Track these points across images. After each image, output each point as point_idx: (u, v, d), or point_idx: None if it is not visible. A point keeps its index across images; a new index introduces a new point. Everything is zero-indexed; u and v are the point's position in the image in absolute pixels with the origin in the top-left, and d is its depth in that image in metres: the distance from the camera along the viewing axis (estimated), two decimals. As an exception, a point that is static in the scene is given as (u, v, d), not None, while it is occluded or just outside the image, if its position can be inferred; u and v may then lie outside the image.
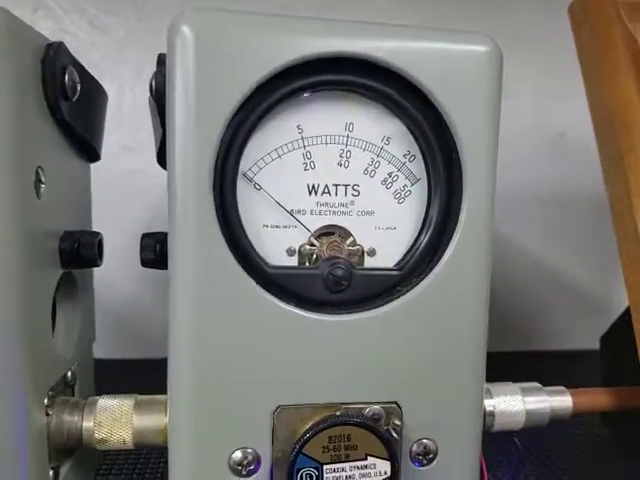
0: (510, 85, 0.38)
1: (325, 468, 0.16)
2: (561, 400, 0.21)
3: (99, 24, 0.38)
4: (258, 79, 0.15)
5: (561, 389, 0.22)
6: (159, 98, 0.16)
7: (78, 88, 0.19)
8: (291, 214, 0.17)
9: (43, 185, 0.17)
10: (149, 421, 0.18)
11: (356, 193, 0.17)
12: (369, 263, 0.17)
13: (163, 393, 0.18)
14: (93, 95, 0.21)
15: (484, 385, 0.18)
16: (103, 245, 0.21)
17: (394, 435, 0.17)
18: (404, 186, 0.17)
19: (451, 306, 0.17)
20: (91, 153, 0.22)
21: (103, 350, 0.27)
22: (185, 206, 0.15)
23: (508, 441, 0.22)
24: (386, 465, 0.16)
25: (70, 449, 0.20)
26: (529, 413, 0.20)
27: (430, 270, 0.17)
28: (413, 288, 0.17)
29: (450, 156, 0.17)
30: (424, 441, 0.17)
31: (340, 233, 0.17)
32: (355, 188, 0.17)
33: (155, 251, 0.18)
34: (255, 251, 0.16)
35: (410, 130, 0.17)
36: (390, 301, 0.17)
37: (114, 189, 0.37)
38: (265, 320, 0.16)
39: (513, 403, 0.20)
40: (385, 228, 0.17)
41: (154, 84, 0.17)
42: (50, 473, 0.18)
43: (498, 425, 0.20)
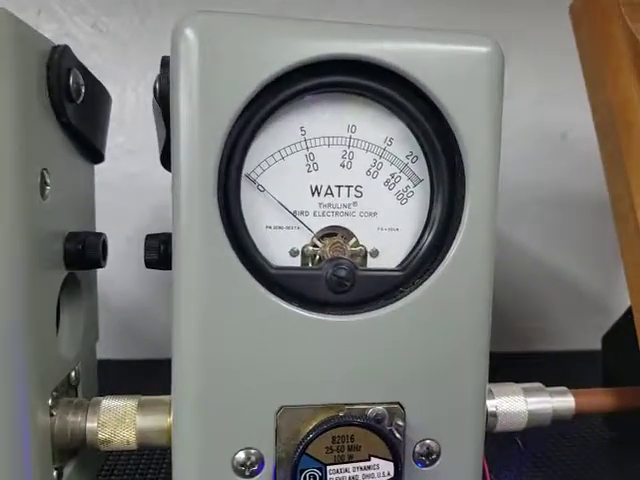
0: (511, 85, 0.38)
1: (329, 469, 0.16)
2: (563, 401, 0.21)
3: (102, 26, 0.38)
4: (261, 81, 0.15)
5: (563, 389, 0.22)
6: (163, 100, 0.16)
7: (82, 90, 0.19)
8: (294, 215, 0.17)
9: (48, 187, 0.17)
10: (152, 422, 0.18)
11: (359, 194, 0.17)
12: (372, 264, 0.18)
13: (165, 394, 0.18)
14: (97, 97, 0.21)
15: (487, 385, 0.18)
16: (107, 246, 0.21)
17: (397, 436, 0.17)
18: (407, 187, 0.18)
19: (454, 307, 0.17)
20: (95, 155, 0.22)
21: (106, 351, 0.27)
22: (190, 207, 0.16)
23: (510, 442, 0.22)
24: (389, 466, 0.16)
25: (74, 450, 0.20)
26: (531, 414, 0.20)
27: (433, 271, 0.17)
28: (416, 289, 0.17)
29: (452, 157, 0.17)
30: (427, 442, 0.17)
31: (343, 234, 0.17)
32: (358, 189, 0.17)
33: (159, 252, 0.18)
34: (258, 252, 0.16)
35: (412, 131, 0.17)
36: (393, 302, 0.17)
37: (117, 190, 0.37)
38: (268, 321, 0.16)
39: (515, 404, 0.20)
40: (388, 229, 0.18)
41: (158, 86, 0.17)
42: (54, 473, 0.18)
43: (500, 426, 0.20)
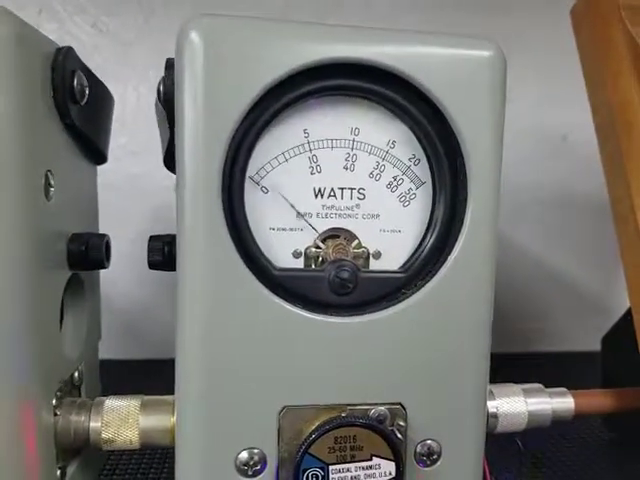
0: (512, 87, 0.39)
1: (331, 468, 0.16)
2: (563, 402, 0.21)
3: (102, 26, 0.38)
4: (265, 84, 0.15)
5: (563, 390, 0.22)
6: (167, 102, 0.17)
7: (86, 92, 0.19)
8: (302, 216, 0.17)
9: (52, 188, 0.17)
10: (155, 421, 0.18)
11: (362, 196, 0.17)
12: (374, 266, 0.18)
13: (167, 394, 0.18)
14: (101, 99, 0.21)
15: (488, 386, 0.19)
16: (110, 247, 0.21)
17: (399, 436, 0.17)
18: (409, 189, 0.18)
19: (456, 308, 0.17)
20: (98, 156, 0.22)
21: (109, 351, 0.27)
22: (194, 209, 0.16)
23: (510, 442, 0.22)
24: (391, 466, 0.16)
25: (77, 449, 0.20)
26: (531, 414, 0.20)
27: (435, 272, 0.17)
28: (418, 290, 0.17)
29: (455, 159, 0.17)
30: (428, 442, 0.18)
31: (346, 236, 0.17)
32: (361, 191, 0.17)
33: (162, 253, 0.18)
34: (262, 253, 0.17)
35: (415, 134, 0.17)
36: (395, 303, 0.17)
37: (119, 191, 0.37)
38: (271, 322, 0.16)
39: (516, 405, 0.20)
40: (390, 231, 0.18)
41: (162, 88, 0.17)
42: (57, 473, 0.18)
43: (501, 427, 0.20)
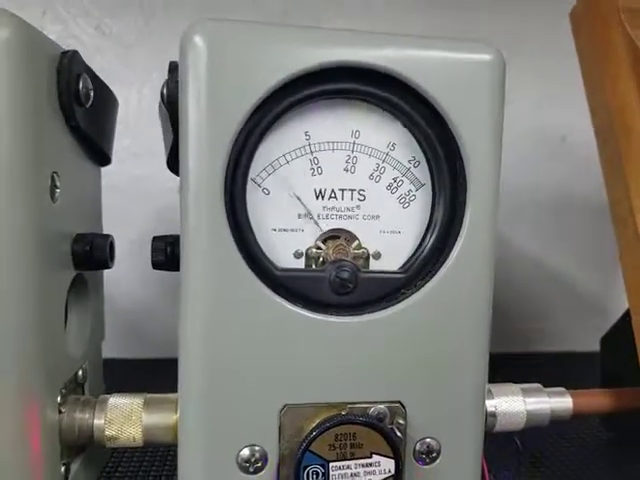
0: (511, 89, 0.39)
1: (331, 465, 0.16)
2: (561, 401, 0.21)
3: (105, 28, 0.38)
4: (268, 88, 0.16)
5: (561, 390, 0.22)
6: (171, 105, 0.17)
7: (91, 95, 0.19)
8: (309, 213, 0.17)
9: (58, 190, 0.18)
10: (158, 419, 0.18)
11: (362, 198, 0.18)
12: (374, 266, 0.18)
13: (169, 392, 0.18)
14: (105, 101, 0.21)
15: (486, 385, 0.19)
16: (114, 247, 0.21)
17: (398, 434, 0.17)
18: (409, 191, 0.18)
19: (455, 308, 0.18)
20: (102, 157, 0.23)
21: (112, 350, 0.27)
22: (197, 210, 0.16)
23: (509, 442, 0.22)
24: (390, 463, 0.17)
25: (81, 446, 0.20)
26: (530, 414, 0.21)
27: (434, 273, 0.17)
28: (417, 291, 0.17)
29: (454, 162, 0.17)
30: (427, 440, 0.18)
31: (346, 237, 0.18)
32: (361, 193, 0.18)
33: (165, 253, 0.18)
34: (264, 254, 0.17)
35: (415, 136, 0.18)
36: (395, 303, 0.17)
37: (123, 193, 0.37)
38: (273, 321, 0.16)
39: (514, 404, 0.20)
40: (390, 232, 0.18)
41: (166, 91, 0.17)
42: (62, 469, 0.18)
43: (500, 426, 0.20)
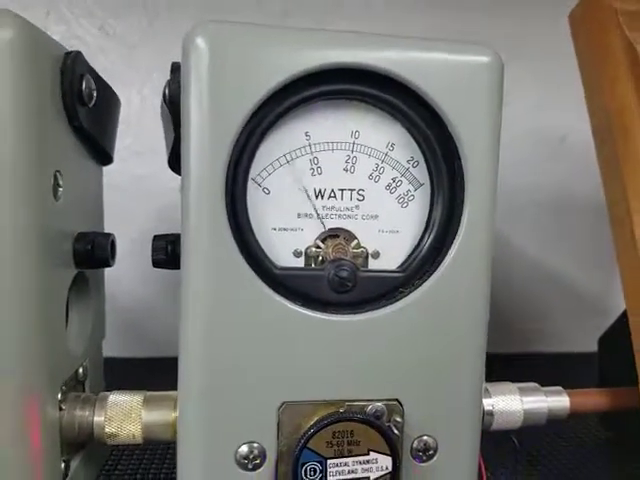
0: (511, 90, 0.39)
1: (329, 462, 0.16)
2: (558, 400, 0.22)
3: (109, 29, 0.38)
4: (269, 89, 0.16)
5: (558, 389, 0.22)
6: (173, 105, 0.17)
7: (94, 95, 0.19)
8: (315, 209, 0.17)
9: (61, 188, 0.18)
10: (157, 416, 0.18)
11: (361, 197, 0.18)
12: (373, 265, 0.18)
13: (169, 391, 0.19)
14: (108, 101, 0.22)
15: (483, 384, 0.19)
16: (115, 246, 0.22)
17: (395, 431, 0.17)
18: (408, 191, 0.18)
19: (452, 307, 0.18)
20: (104, 157, 0.23)
21: (112, 349, 0.27)
22: (198, 209, 0.16)
23: (507, 440, 0.22)
24: (387, 460, 0.17)
25: (81, 443, 0.20)
26: (527, 413, 0.21)
27: (432, 272, 0.18)
28: (415, 289, 0.17)
29: (453, 162, 0.18)
30: (424, 438, 0.18)
31: (345, 236, 0.18)
32: (360, 193, 0.18)
33: (166, 252, 0.18)
34: (264, 253, 0.17)
35: (413, 137, 0.18)
36: (393, 302, 0.17)
37: (125, 192, 0.38)
38: (272, 319, 0.17)
39: (511, 402, 0.20)
40: (389, 231, 0.18)
41: (168, 92, 0.17)
42: (62, 466, 0.18)
43: (497, 424, 0.20)
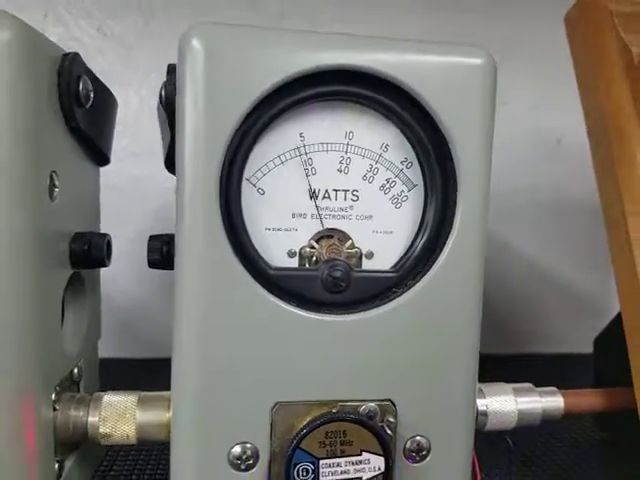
0: (508, 90, 0.39)
1: (321, 463, 0.16)
2: (552, 401, 0.22)
3: (107, 30, 0.38)
4: (263, 90, 0.16)
5: (553, 390, 0.22)
6: (169, 106, 0.17)
7: (91, 96, 0.19)
8: (316, 206, 0.17)
9: (57, 189, 0.18)
10: (152, 417, 0.18)
11: (355, 198, 0.18)
12: (367, 265, 0.18)
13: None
14: (105, 102, 0.22)
15: (477, 384, 0.19)
16: (111, 246, 0.22)
17: (388, 432, 0.17)
18: (401, 191, 0.18)
19: (445, 307, 0.18)
20: (101, 158, 0.23)
21: (108, 349, 0.27)
22: (192, 210, 0.16)
23: (501, 440, 0.22)
24: (380, 461, 0.17)
25: (75, 443, 0.20)
26: (521, 413, 0.21)
27: (426, 272, 0.18)
28: (409, 290, 0.18)
29: (445, 163, 0.18)
30: (417, 438, 0.18)
31: (339, 236, 0.18)
32: (354, 193, 0.18)
33: (161, 252, 0.19)
34: (258, 253, 0.17)
35: (407, 138, 0.18)
36: (387, 302, 0.17)
37: (121, 192, 0.38)
38: (266, 320, 0.17)
39: (505, 403, 0.21)
40: (383, 232, 0.18)
41: (164, 93, 0.17)
42: (55, 466, 0.18)
43: (491, 424, 0.20)
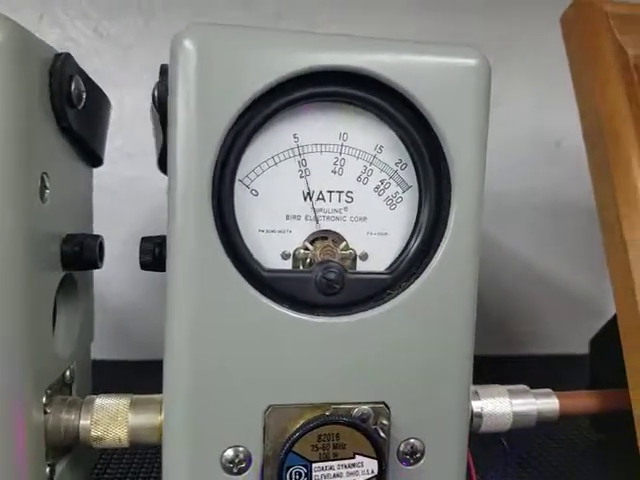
0: (507, 93, 0.39)
1: (314, 466, 0.16)
2: (548, 402, 0.22)
3: (103, 30, 0.38)
4: (256, 92, 0.16)
5: (548, 391, 0.22)
6: (161, 107, 0.17)
7: (83, 97, 0.19)
8: (313, 206, 0.17)
9: (48, 190, 0.18)
10: (144, 420, 0.18)
11: (349, 199, 0.18)
12: (361, 267, 0.18)
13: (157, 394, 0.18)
14: (97, 103, 0.22)
15: (471, 386, 0.19)
16: (104, 248, 0.21)
17: (382, 434, 0.17)
18: (396, 193, 0.18)
19: (439, 309, 0.18)
20: (94, 158, 0.23)
21: (101, 351, 0.27)
22: (184, 211, 0.16)
23: (496, 443, 0.22)
24: (373, 464, 0.17)
25: (67, 447, 0.20)
26: (516, 415, 0.21)
27: (420, 274, 0.18)
28: (403, 291, 0.17)
29: (440, 164, 0.18)
30: (411, 441, 0.18)
31: (333, 238, 0.18)
32: (349, 195, 0.18)
33: (154, 254, 0.18)
34: (251, 255, 0.17)
35: (402, 139, 0.18)
36: (381, 304, 0.17)
37: (115, 193, 0.38)
38: (259, 322, 0.17)
39: (500, 405, 0.20)
40: (377, 233, 0.18)
41: (156, 93, 0.17)
42: (46, 470, 0.18)
43: (485, 426, 0.20)
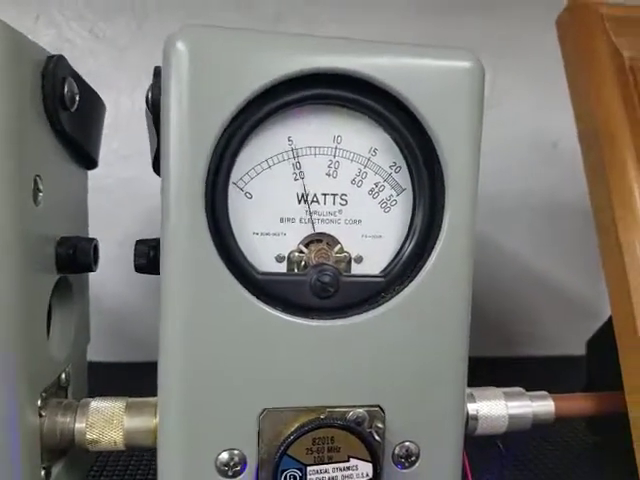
0: (504, 94, 0.39)
1: (309, 469, 0.16)
2: (543, 405, 0.22)
3: (99, 32, 0.38)
4: (249, 94, 0.16)
5: (544, 394, 0.22)
6: (155, 109, 0.17)
7: (77, 99, 0.19)
8: (309, 208, 0.17)
9: (41, 193, 0.18)
10: (139, 423, 0.18)
11: (344, 202, 0.18)
12: (356, 270, 0.18)
13: (153, 396, 0.18)
14: (91, 105, 0.22)
15: (466, 389, 0.19)
16: (98, 251, 0.21)
17: (376, 437, 0.17)
18: (390, 196, 0.18)
19: (434, 312, 0.18)
20: (88, 161, 0.23)
21: (97, 353, 0.27)
22: (178, 213, 0.16)
23: (492, 445, 0.22)
24: (368, 467, 0.17)
25: (62, 450, 0.20)
26: (512, 417, 0.21)
27: (414, 277, 0.18)
28: (398, 294, 0.17)
29: (433, 167, 0.18)
30: (406, 444, 0.18)
31: (328, 241, 0.18)
32: (343, 197, 0.18)
33: (148, 257, 0.18)
34: (245, 258, 0.17)
35: (396, 142, 0.18)
36: (375, 307, 0.17)
37: (111, 195, 0.38)
38: (253, 325, 0.17)
39: (496, 407, 0.20)
40: (372, 236, 0.18)
41: (150, 95, 0.17)
42: (42, 473, 0.18)
43: (481, 429, 0.20)
